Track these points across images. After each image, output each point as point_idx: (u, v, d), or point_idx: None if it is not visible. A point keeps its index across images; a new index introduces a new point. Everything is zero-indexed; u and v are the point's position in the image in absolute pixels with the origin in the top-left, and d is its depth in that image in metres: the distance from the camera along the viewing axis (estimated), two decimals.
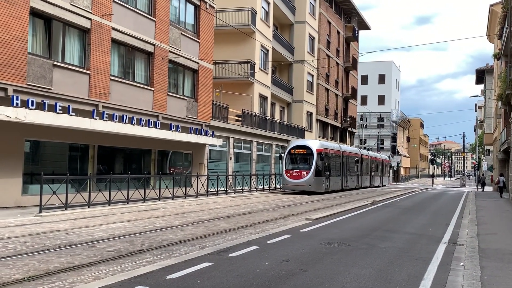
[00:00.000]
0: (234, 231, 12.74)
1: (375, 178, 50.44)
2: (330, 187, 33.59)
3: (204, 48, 27.65)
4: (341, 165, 37.02)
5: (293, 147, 32.40)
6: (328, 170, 33.14)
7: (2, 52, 15.72)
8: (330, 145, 36.48)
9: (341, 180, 36.60)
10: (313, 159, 31.20)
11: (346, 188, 38.22)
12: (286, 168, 31.59)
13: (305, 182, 30.72)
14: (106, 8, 20.31)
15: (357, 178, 42.46)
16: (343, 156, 37.91)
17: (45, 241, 10.39)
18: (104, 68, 20.34)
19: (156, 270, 7.59)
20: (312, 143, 32.73)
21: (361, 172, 43.84)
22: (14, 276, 7.19)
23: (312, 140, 36.30)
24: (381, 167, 53.69)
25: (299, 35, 45.71)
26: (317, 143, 32.86)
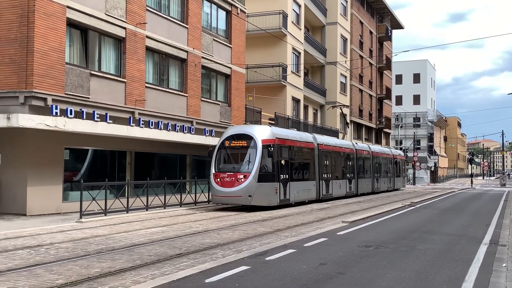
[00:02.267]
0: (270, 234, 12.76)
1: (382, 181, 38.30)
2: (294, 197, 22.40)
3: (236, 53, 27.83)
4: (332, 164, 27.98)
5: (227, 137, 21.08)
6: (287, 171, 21.77)
7: (41, 63, 16.18)
8: (294, 134, 24.15)
9: (316, 189, 25.37)
10: (256, 155, 20.02)
11: (338, 196, 28.29)
12: (216, 170, 20.53)
13: (242, 191, 19.62)
14: (140, 17, 20.67)
15: (353, 181, 31.68)
16: (335, 152, 28.87)
17: (86, 247, 10.63)
18: (139, 76, 20.69)
19: (195, 274, 7.67)
20: (256, 130, 21.09)
21: (360, 173, 33.28)
22: (57, 281, 7.38)
23: (259, 126, 23.29)
24: (391, 165, 41.58)
25: (331, 37, 45.48)
26: (265, 131, 21.10)
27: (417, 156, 65.52)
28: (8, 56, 16.19)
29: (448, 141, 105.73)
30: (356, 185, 32.00)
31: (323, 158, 26.69)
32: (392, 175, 41.59)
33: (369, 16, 55.71)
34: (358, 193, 32.07)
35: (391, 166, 41.20)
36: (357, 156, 32.91)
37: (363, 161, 34.42)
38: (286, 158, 21.89)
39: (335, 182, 28.08)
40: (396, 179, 42.76)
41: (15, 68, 16.09)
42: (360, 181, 32.98)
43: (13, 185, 16.86)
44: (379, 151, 38.95)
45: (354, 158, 32.35)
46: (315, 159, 25.51)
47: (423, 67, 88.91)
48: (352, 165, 31.89)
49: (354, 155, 32.32)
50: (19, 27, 16.09)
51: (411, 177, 69.70)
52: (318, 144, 26.22)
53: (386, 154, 40.87)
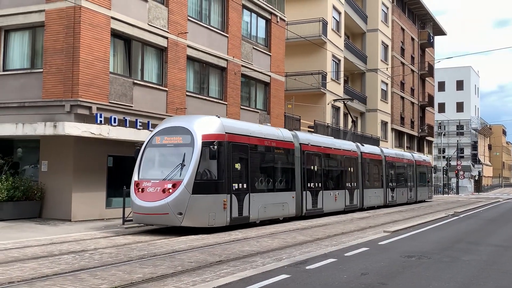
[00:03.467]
0: (310, 243, 12.69)
1: (399, 191, 31.59)
2: (259, 213, 16.63)
3: (275, 61, 27.90)
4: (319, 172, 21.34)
5: (158, 131, 15.55)
6: (246, 179, 16.04)
7: (86, 73, 16.64)
8: (259, 129, 17.86)
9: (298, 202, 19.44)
10: (192, 156, 14.47)
11: (332, 211, 22.31)
12: (138, 177, 14.89)
13: (168, 206, 13.97)
14: (182, 27, 21.01)
15: (358, 192, 25.47)
16: (329, 155, 22.80)
17: (129, 252, 10.82)
18: (181, 85, 21.00)
19: (235, 281, 7.70)
20: (197, 122, 15.39)
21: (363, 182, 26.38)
22: (101, 286, 7.55)
23: (205, 117, 16.23)
24: (413, 173, 34.88)
25: (371, 44, 45.05)
26: (209, 123, 15.36)
27: (460, 165, 63.98)
28: (55, 66, 16.71)
29: (492, 149, 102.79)
30: (360, 196, 25.64)
31: (310, 162, 20.55)
32: (414, 185, 34.74)
33: (411, 22, 54.93)
34: (363, 207, 25.86)
35: (412, 173, 34.49)
36: (363, 160, 26.47)
37: (372, 167, 28.25)
38: (244, 161, 16.06)
39: (327, 193, 21.70)
40: (420, 189, 36.08)
41: (62, 77, 16.59)
42: (367, 192, 26.60)
43: (59, 191, 17.33)
44: (395, 155, 32.25)
45: (359, 163, 25.94)
46: (297, 163, 19.43)
47: (466, 74, 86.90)
48: (355, 172, 25.35)
49: (358, 159, 25.93)
50: (66, 38, 16.60)
51: (454, 186, 68.06)
52: (302, 144, 19.95)
53: (406, 159, 34.08)
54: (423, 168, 37.67)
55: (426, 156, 44.44)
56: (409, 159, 34.56)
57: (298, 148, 19.72)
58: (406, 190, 33.08)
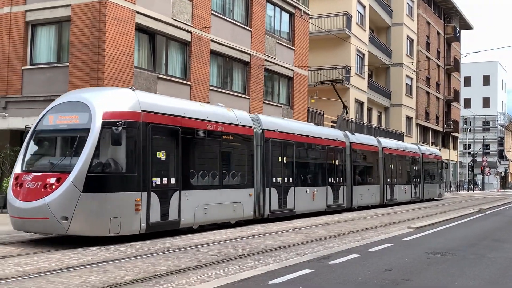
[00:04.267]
0: (333, 238, 12.64)
1: (401, 189, 27.32)
2: (196, 217, 13.02)
3: (299, 55, 27.78)
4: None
5: (51, 109, 11.85)
6: (174, 171, 12.46)
7: (111, 67, 16.80)
8: (186, 106, 13.53)
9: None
10: (88, 140, 10.88)
11: (309, 211, 18.58)
12: (21, 169, 11.33)
13: (47, 208, 10.37)
14: (205, 21, 21.06)
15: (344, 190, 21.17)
16: (301, 144, 18.49)
17: (153, 245, 10.91)
18: (204, 79, 21.07)
19: (258, 275, 7.71)
20: (99, 95, 11.79)
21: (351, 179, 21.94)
22: (126, 278, 7.63)
23: (110, 89, 12.98)
24: (418, 167, 30.63)
25: (396, 38, 44.54)
26: (116, 97, 11.74)
27: (486, 161, 62.98)
28: (81, 60, 16.91)
29: None
30: (347, 194, 21.39)
31: (277, 152, 16.67)
32: (420, 181, 30.33)
33: (437, 16, 54.12)
34: (352, 206, 21.77)
35: (418, 168, 30.37)
36: (352, 152, 22.09)
37: (364, 160, 24.02)
38: (173, 149, 12.43)
39: (301, 190, 17.90)
40: (428, 186, 31.46)
41: (87, 71, 16.78)
42: (357, 189, 22.27)
43: None
44: (395, 147, 27.50)
45: (346, 155, 21.60)
46: (257, 154, 15.55)
47: (493, 69, 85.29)
48: (342, 165, 21.10)
49: (346, 150, 21.55)
50: (91, 32, 16.78)
51: (480, 182, 67.06)
52: (265, 130, 16.08)
53: (410, 152, 29.55)
54: (432, 163, 33.18)
55: (436, 149, 38.71)
56: (414, 151, 30.15)
57: (259, 135, 15.81)
58: (410, 187, 28.70)
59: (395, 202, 26.32)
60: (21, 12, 18.05)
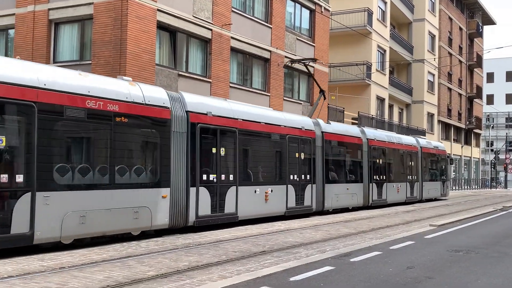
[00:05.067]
0: (354, 236, 12.59)
1: (391, 188, 23.31)
2: (61, 230, 9.40)
3: (319, 52, 27.66)
4: None
5: None
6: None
7: (133, 64, 16.95)
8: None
9: None
10: None
11: (255, 216, 14.86)
12: None
13: None
14: (226, 18, 21.09)
15: None
16: (254, 134, 15.01)
17: (174, 241, 11.01)
18: (224, 76, 21.13)
19: (279, 272, 7.73)
20: None
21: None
22: (148, 273, 7.72)
23: None
24: (415, 163, 26.47)
25: (418, 34, 44.07)
26: None
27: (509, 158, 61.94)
28: (103, 58, 17.08)
29: None
30: (318, 195, 17.83)
31: (208, 142, 13.14)
32: (418, 178, 26.40)
33: (459, 11, 53.38)
34: (323, 209, 18.15)
35: (415, 164, 26.35)
36: (325, 144, 18.37)
37: (341, 154, 20.23)
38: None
39: (248, 190, 14.28)
40: (428, 185, 27.68)
41: (110, 69, 16.93)
42: (332, 189, 18.57)
43: None
44: (385, 139, 23.27)
45: (316, 147, 17.87)
46: (174, 143, 11.96)
47: None
48: (308, 160, 17.29)
49: (314, 142, 17.73)
50: (113, 30, 16.93)
51: (503, 180, 66.03)
52: (190, 112, 12.50)
53: (405, 144, 25.49)
54: (435, 158, 29.29)
55: (439, 142, 33.31)
56: (410, 145, 26.08)
57: (180, 118, 12.25)
58: (405, 186, 24.78)
59: (384, 203, 22.37)
60: (44, 10, 18.30)
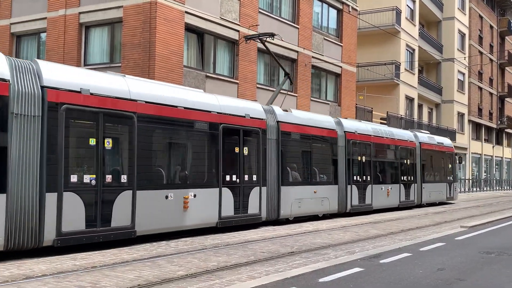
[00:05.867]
0: (384, 237, 12.48)
1: (380, 190, 19.62)
2: None
3: (347, 51, 27.50)
4: None
5: None
6: None
7: (161, 66, 17.14)
8: None
9: None
10: None
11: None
12: None
13: None
14: (253, 19, 21.15)
15: None
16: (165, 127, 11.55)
17: (203, 241, 11.09)
18: (251, 77, 21.19)
19: (308, 273, 7.72)
20: None
21: None
22: (178, 273, 7.80)
23: None
24: (411, 160, 22.26)
25: (447, 32, 43.41)
26: None
27: None
28: (133, 60, 17.32)
29: None
30: (271, 200, 14.27)
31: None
32: (415, 179, 22.38)
33: (489, 9, 52.38)
34: (279, 218, 14.55)
35: (412, 162, 22.26)
36: (282, 137, 14.80)
37: (306, 150, 16.29)
38: None
39: (145, 196, 10.70)
40: (429, 187, 23.59)
41: (139, 71, 17.15)
42: (291, 192, 14.97)
43: None
44: (369, 133, 19.30)
45: (267, 142, 14.22)
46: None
47: None
48: (257, 156, 13.86)
49: (265, 135, 14.16)
50: (142, 33, 17.16)
51: None
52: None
53: (397, 140, 21.30)
54: (439, 155, 25.21)
55: (445, 138, 27.76)
56: (405, 140, 21.87)
57: None
58: (397, 188, 20.84)
59: (367, 209, 18.57)
60: (75, 14, 18.66)
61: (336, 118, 18.51)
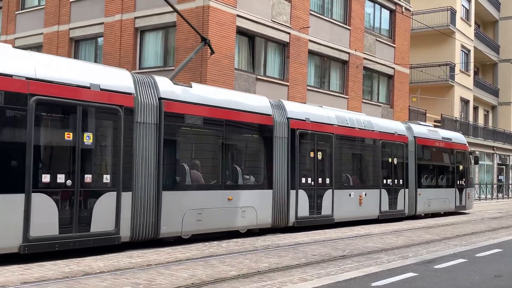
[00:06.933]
0: (438, 242, 12.20)
1: (350, 198, 15.13)
2: None
3: (399, 53, 27.04)
4: None
5: None
6: None
7: (213, 69, 17.37)
8: None
9: None
10: None
11: None
12: None
13: None
14: (304, 22, 21.13)
15: None
16: None
17: (253, 242, 11.17)
18: (302, 79, 21.17)
19: (360, 277, 7.66)
20: None
21: None
22: (230, 273, 7.90)
23: None
24: (399, 161, 17.37)
25: (505, 32, 41.97)
26: None
27: None
28: None
29: None
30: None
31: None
32: (407, 183, 17.58)
33: None
34: (180, 236, 10.79)
35: (402, 161, 17.54)
36: (166, 119, 10.42)
37: (207, 138, 11.74)
38: None
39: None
40: (427, 193, 18.60)
41: (191, 75, 17.46)
42: (190, 199, 10.77)
43: None
44: (334, 121, 14.76)
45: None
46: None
47: None
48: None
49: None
50: (195, 37, 17.35)
51: None
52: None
53: (377, 132, 16.45)
54: (442, 154, 20.21)
55: (456, 133, 22.75)
56: (390, 132, 17.00)
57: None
58: (376, 194, 16.17)
59: (326, 222, 14.11)
60: (130, 19, 19.18)
61: (277, 101, 13.68)
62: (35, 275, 7.29)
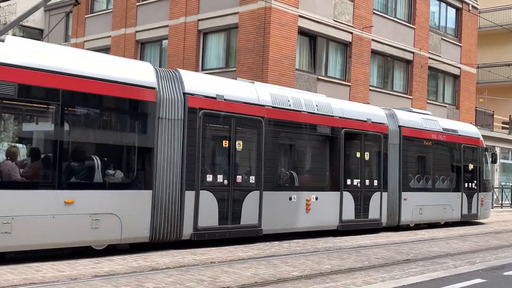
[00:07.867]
0: (506, 248, 11.73)
1: (281, 202, 11.35)
2: None
3: (466, 52, 26.17)
4: None
5: None
6: None
7: (274, 70, 17.44)
8: None
9: None
10: None
11: None
12: None
13: None
14: (367, 21, 20.84)
15: None
16: None
17: (315, 244, 11.13)
18: (364, 79, 20.88)
19: (426, 281, 7.49)
20: None
21: None
22: (293, 273, 7.92)
23: None
24: (370, 155, 13.43)
25: None
26: None
27: None
28: (247, 65, 17.81)
29: None
30: None
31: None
32: (383, 185, 13.73)
33: None
34: None
35: (369, 156, 13.50)
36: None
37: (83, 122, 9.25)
38: None
39: None
40: (416, 198, 14.66)
41: (252, 75, 17.57)
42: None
43: None
44: (268, 102, 11.21)
45: None
46: None
47: None
48: None
49: None
50: (256, 38, 17.58)
51: None
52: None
53: (337, 119, 12.66)
54: (443, 150, 16.21)
55: (468, 124, 18.75)
56: (360, 119, 13.34)
57: None
58: (335, 198, 12.53)
59: (247, 234, 10.67)
60: (194, 21, 19.56)
61: (174, 70, 10.33)
62: (105, 269, 7.59)
